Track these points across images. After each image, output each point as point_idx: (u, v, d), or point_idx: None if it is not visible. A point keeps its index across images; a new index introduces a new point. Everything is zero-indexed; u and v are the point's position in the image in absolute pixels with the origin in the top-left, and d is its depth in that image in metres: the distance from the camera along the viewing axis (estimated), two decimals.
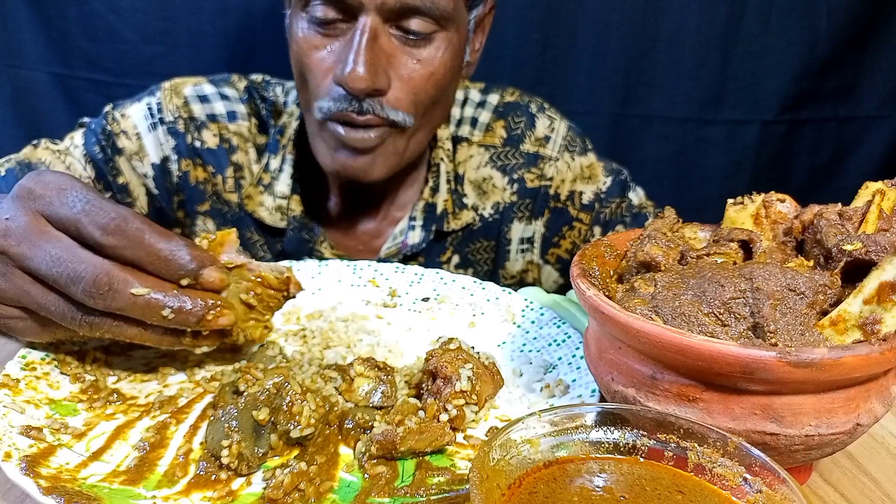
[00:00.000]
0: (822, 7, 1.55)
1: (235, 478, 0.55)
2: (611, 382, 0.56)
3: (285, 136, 1.13)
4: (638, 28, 1.55)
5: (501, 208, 1.18)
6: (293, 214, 1.11)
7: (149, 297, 0.59)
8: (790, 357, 0.45)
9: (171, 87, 1.13)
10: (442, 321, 0.84)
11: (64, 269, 0.58)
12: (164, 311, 0.59)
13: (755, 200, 0.62)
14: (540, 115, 1.19)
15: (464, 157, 1.17)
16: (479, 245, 1.19)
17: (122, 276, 0.58)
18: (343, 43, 0.94)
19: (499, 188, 1.18)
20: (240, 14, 1.46)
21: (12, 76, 1.50)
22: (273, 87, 1.18)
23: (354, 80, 0.90)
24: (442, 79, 0.98)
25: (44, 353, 0.69)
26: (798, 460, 0.52)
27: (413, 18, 0.93)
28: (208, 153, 1.13)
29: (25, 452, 0.54)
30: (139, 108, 1.12)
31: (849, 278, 0.53)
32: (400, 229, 1.14)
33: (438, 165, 1.14)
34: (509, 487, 0.43)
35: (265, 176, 1.12)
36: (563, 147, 1.19)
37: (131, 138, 1.10)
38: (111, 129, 1.09)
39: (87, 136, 1.09)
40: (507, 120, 1.18)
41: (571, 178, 1.18)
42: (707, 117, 1.62)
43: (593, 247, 0.64)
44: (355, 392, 0.65)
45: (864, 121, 1.68)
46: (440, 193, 1.14)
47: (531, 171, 1.18)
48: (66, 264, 0.58)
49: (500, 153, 1.18)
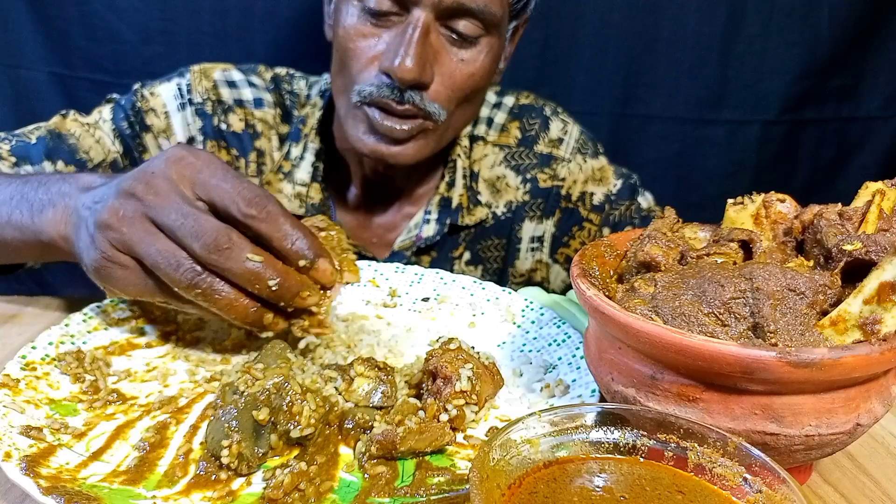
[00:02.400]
0: (823, 7, 1.54)
1: (235, 478, 0.55)
2: (611, 382, 0.56)
3: (307, 125, 1.14)
4: (638, 28, 1.54)
5: (514, 207, 1.20)
6: (312, 202, 1.13)
7: (261, 265, 0.64)
8: (790, 357, 0.45)
9: (201, 70, 1.15)
10: (442, 321, 0.84)
11: (191, 223, 0.64)
12: (270, 281, 0.65)
13: (755, 200, 0.62)
14: (554, 118, 1.22)
15: (479, 156, 1.20)
16: (491, 243, 1.21)
17: (242, 241, 0.65)
18: (393, 34, 0.96)
19: (512, 187, 1.20)
20: (240, 14, 1.45)
21: (12, 76, 1.49)
22: (297, 80, 1.20)
23: (403, 71, 0.93)
24: (480, 80, 1.02)
25: (44, 353, 0.69)
26: (798, 460, 0.52)
27: (463, 20, 0.96)
28: (233, 137, 1.14)
29: (25, 452, 0.54)
30: (169, 88, 1.13)
31: (849, 278, 0.53)
32: (415, 223, 1.16)
33: (455, 161, 1.16)
34: (509, 487, 0.43)
35: (285, 164, 1.14)
36: (576, 149, 1.21)
37: (160, 116, 1.11)
38: (140, 105, 1.10)
39: (115, 111, 1.10)
40: (521, 121, 1.21)
41: (583, 180, 1.21)
42: (707, 117, 1.62)
43: (593, 247, 0.64)
44: (355, 392, 0.65)
45: (866, 121, 1.67)
46: (456, 188, 1.16)
47: (544, 171, 1.20)
48: (194, 219, 0.64)
49: (514, 153, 1.20)
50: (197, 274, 0.64)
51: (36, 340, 0.70)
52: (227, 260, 0.64)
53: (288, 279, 0.66)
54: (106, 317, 0.78)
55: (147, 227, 0.65)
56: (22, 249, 0.79)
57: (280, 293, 0.66)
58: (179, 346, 0.76)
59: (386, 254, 1.17)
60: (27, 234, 0.76)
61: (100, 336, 0.75)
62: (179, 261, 0.64)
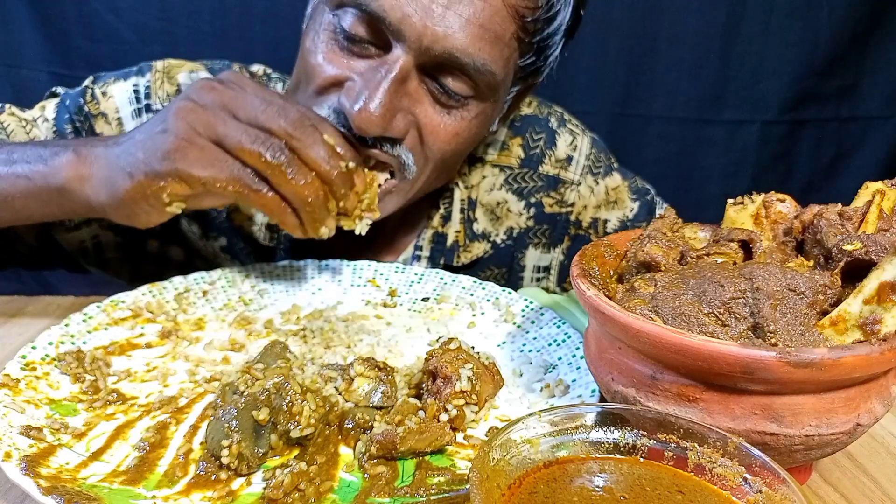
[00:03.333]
0: (822, 7, 1.54)
1: (235, 478, 0.55)
2: (611, 382, 0.56)
3: None
4: (638, 28, 1.55)
5: (515, 234, 1.07)
6: (285, 233, 0.97)
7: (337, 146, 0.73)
8: (790, 357, 0.45)
9: (165, 69, 0.99)
10: (442, 321, 0.84)
11: (276, 106, 0.72)
12: (342, 162, 0.74)
13: (755, 200, 0.62)
14: (561, 132, 1.07)
15: (476, 180, 1.05)
16: (490, 273, 1.08)
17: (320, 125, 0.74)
18: (363, 67, 0.79)
19: (514, 213, 1.06)
20: (239, 14, 1.46)
21: (12, 76, 1.50)
22: (274, 81, 1.06)
23: (362, 120, 0.76)
24: (463, 143, 0.86)
25: (44, 353, 0.69)
26: (798, 460, 0.52)
27: (452, 76, 0.79)
28: None
29: (25, 452, 0.54)
30: (124, 88, 0.96)
31: (849, 278, 0.53)
32: (404, 259, 1.03)
33: (452, 191, 1.02)
34: (509, 487, 0.43)
35: None
36: (587, 169, 1.07)
37: (111, 122, 0.95)
38: (89, 109, 0.95)
39: (59, 110, 0.95)
40: (524, 137, 1.06)
41: (595, 205, 1.08)
42: (707, 117, 1.62)
43: (593, 247, 0.64)
44: (355, 392, 0.65)
45: (866, 121, 1.67)
46: (451, 223, 1.02)
47: (550, 195, 1.06)
48: (279, 102, 0.73)
49: (516, 175, 1.06)
50: (279, 148, 0.71)
51: (36, 340, 0.70)
52: (309, 136, 0.71)
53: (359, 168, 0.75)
54: (106, 317, 0.78)
55: (227, 112, 0.72)
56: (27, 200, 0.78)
57: (344, 178, 0.74)
58: (179, 346, 0.76)
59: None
60: (36, 179, 0.76)
61: (100, 336, 0.75)
62: (263, 136, 0.70)
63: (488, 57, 0.78)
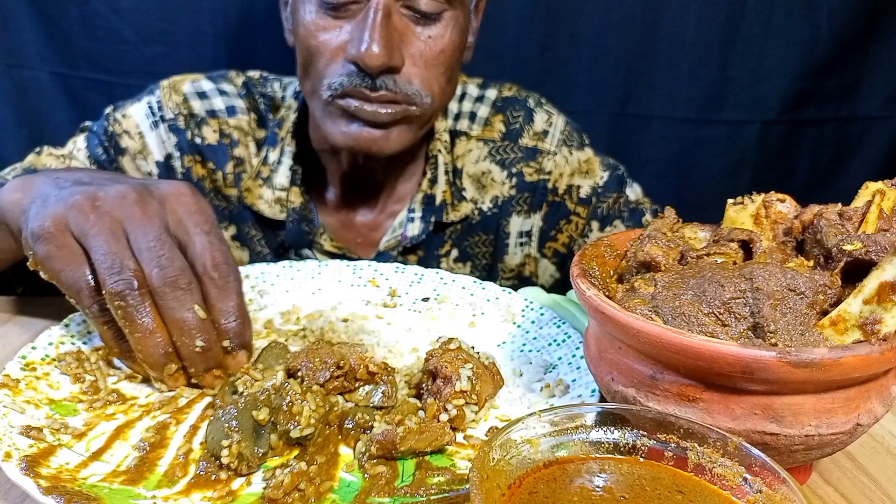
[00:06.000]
0: (822, 7, 1.54)
1: (235, 478, 0.55)
2: (611, 382, 0.56)
3: (283, 128, 1.13)
4: (638, 28, 1.54)
5: (500, 202, 1.19)
6: (292, 206, 1.11)
7: (201, 321, 0.65)
8: (790, 357, 0.45)
9: (170, 85, 1.14)
10: (442, 321, 0.84)
11: (163, 252, 0.64)
12: (198, 340, 0.64)
13: (755, 200, 0.62)
14: (538, 110, 1.20)
15: (462, 152, 1.18)
16: (478, 238, 1.20)
17: (197, 292, 0.65)
18: (354, 23, 0.94)
19: (497, 182, 1.19)
20: (240, 14, 1.46)
21: (13, 76, 1.50)
22: (271, 82, 1.18)
23: (371, 58, 0.91)
24: (451, 56, 1.00)
25: (44, 353, 0.69)
26: (798, 460, 0.52)
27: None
28: (208, 149, 1.13)
29: (25, 452, 0.54)
30: (140, 108, 1.12)
31: (849, 278, 0.53)
32: (399, 221, 1.14)
33: (436, 157, 1.14)
34: (509, 487, 0.43)
35: (264, 169, 1.12)
36: (561, 141, 1.20)
37: (134, 137, 1.11)
38: (113, 129, 1.10)
39: (89, 139, 1.10)
40: (505, 114, 1.19)
41: (569, 173, 1.19)
42: (707, 117, 1.62)
43: (593, 247, 0.64)
44: (355, 393, 0.65)
45: (865, 121, 1.67)
46: (438, 185, 1.14)
47: (529, 165, 1.19)
48: (168, 249, 0.64)
49: (498, 147, 1.19)
50: (132, 288, 0.62)
51: (36, 340, 0.70)
52: (175, 299, 0.63)
53: (214, 349, 0.66)
54: None
55: (115, 229, 0.64)
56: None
57: (198, 357, 0.65)
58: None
59: (371, 254, 1.15)
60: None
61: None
62: (124, 268, 0.63)
63: None
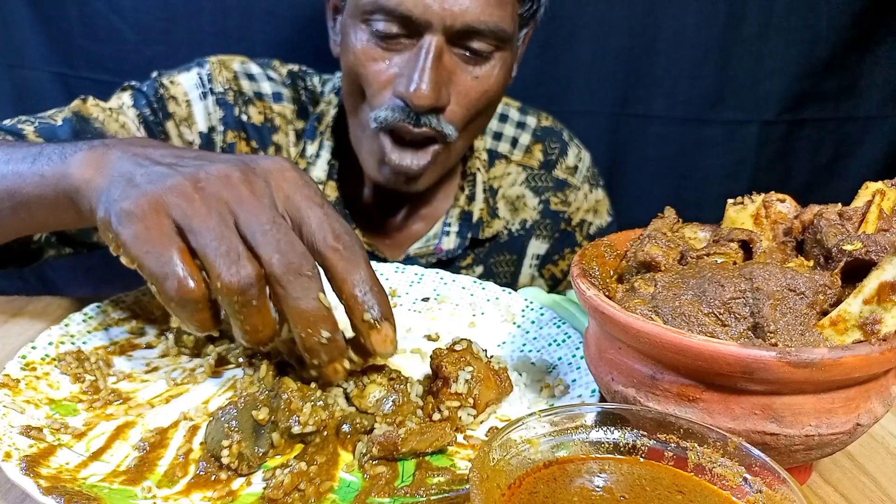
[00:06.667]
0: (822, 7, 1.54)
1: (235, 478, 0.55)
2: (611, 382, 0.56)
3: (323, 123, 1.14)
4: (638, 28, 1.54)
5: (528, 225, 1.26)
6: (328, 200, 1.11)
7: (328, 310, 0.57)
8: (790, 357, 0.45)
9: (220, 61, 1.14)
10: (442, 321, 0.84)
11: (280, 235, 0.56)
12: (324, 332, 0.57)
13: (755, 200, 0.62)
14: (571, 145, 1.28)
15: (500, 173, 1.24)
16: (503, 258, 1.25)
17: (321, 281, 0.57)
18: (405, 58, 0.95)
19: (529, 207, 1.26)
20: (240, 14, 1.45)
21: (14, 76, 1.49)
22: (311, 76, 1.19)
23: (420, 98, 0.92)
24: (494, 95, 1.02)
25: (44, 353, 0.69)
26: (798, 460, 0.52)
27: (475, 40, 0.96)
28: (253, 129, 1.14)
29: (25, 452, 0.54)
30: (189, 77, 1.11)
31: (849, 278, 0.53)
32: (434, 233, 1.18)
33: (475, 175, 1.18)
34: (509, 487, 0.43)
35: (301, 161, 1.13)
36: (586, 179, 1.29)
37: (181, 104, 1.10)
38: (162, 93, 1.09)
39: (136, 97, 1.07)
40: (544, 144, 1.26)
41: (585, 209, 1.29)
42: (707, 117, 1.62)
43: (593, 247, 0.64)
44: (366, 399, 0.63)
45: (865, 121, 1.67)
46: (476, 202, 1.18)
47: (557, 195, 1.27)
48: (285, 232, 0.57)
49: (535, 175, 1.26)
50: (253, 279, 0.55)
51: (36, 340, 0.70)
52: (299, 288, 0.56)
53: (338, 339, 0.59)
54: (106, 317, 0.78)
55: (224, 213, 0.56)
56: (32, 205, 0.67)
57: (323, 349, 0.58)
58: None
59: (400, 256, 1.17)
60: (47, 179, 0.64)
61: (100, 336, 0.75)
62: (241, 256, 0.55)
63: (498, 18, 0.95)
